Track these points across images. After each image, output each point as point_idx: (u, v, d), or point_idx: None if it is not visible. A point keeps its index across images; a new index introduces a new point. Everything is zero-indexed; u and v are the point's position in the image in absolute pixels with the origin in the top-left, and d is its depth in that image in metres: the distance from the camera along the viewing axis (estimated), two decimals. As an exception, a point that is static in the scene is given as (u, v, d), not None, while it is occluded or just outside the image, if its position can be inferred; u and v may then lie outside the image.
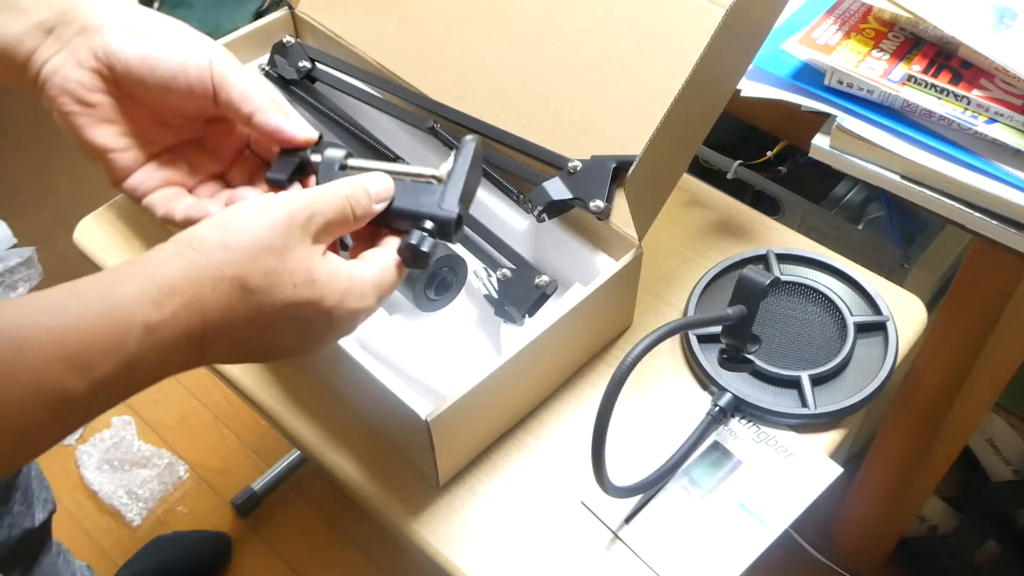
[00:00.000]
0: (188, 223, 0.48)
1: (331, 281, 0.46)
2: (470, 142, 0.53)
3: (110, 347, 0.39)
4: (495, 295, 0.69)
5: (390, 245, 0.51)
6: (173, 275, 0.42)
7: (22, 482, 0.97)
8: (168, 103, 0.53)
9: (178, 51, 0.51)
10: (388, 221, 0.51)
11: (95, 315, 0.39)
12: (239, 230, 0.44)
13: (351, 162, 0.53)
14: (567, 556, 0.64)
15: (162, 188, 0.54)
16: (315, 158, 0.53)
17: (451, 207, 0.50)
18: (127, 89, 0.52)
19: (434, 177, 0.52)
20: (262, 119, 0.52)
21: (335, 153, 0.53)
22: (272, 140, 0.54)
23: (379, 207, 0.50)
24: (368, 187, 0.49)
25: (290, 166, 0.53)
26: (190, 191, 0.56)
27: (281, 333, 0.45)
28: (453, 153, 0.53)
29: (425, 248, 0.49)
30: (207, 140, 0.57)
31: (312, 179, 0.54)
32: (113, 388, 0.40)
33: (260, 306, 0.44)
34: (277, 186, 0.54)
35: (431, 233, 0.50)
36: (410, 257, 0.50)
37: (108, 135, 0.52)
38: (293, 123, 0.53)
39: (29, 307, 0.39)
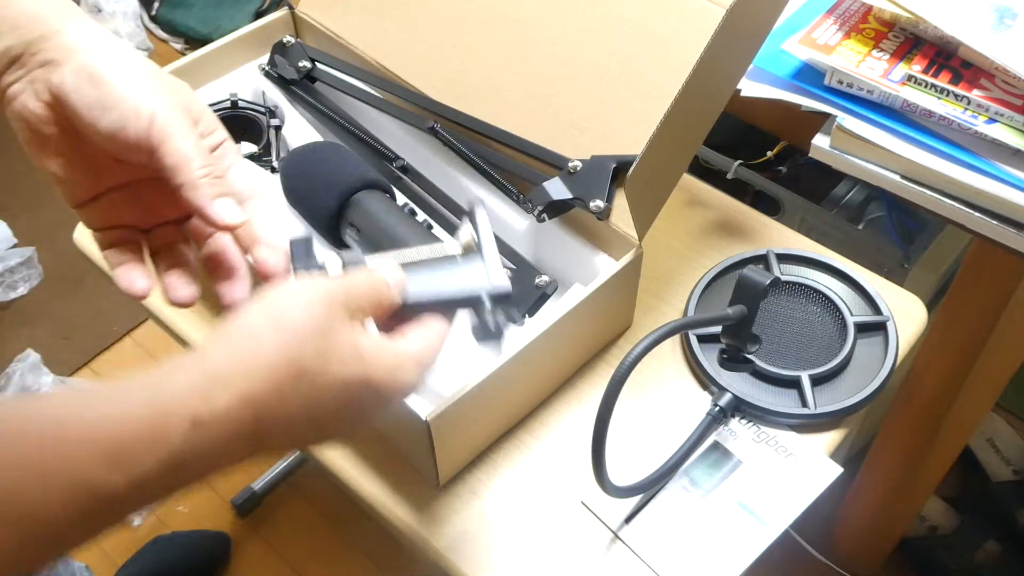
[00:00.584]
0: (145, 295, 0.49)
1: (377, 355, 0.45)
2: (480, 209, 0.53)
3: (152, 443, 0.37)
4: (495, 295, 0.69)
5: (428, 321, 0.50)
6: (225, 363, 0.40)
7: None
8: (116, 150, 0.51)
9: (121, 107, 0.49)
10: (442, 309, 0.51)
11: (138, 408, 0.38)
12: (288, 311, 0.43)
13: (368, 258, 0.51)
14: (567, 556, 0.64)
15: (115, 229, 0.53)
16: (331, 260, 0.51)
17: (503, 281, 0.51)
18: (79, 128, 0.50)
19: (458, 254, 0.52)
20: (187, 195, 0.49)
21: (355, 256, 0.51)
22: (200, 218, 0.51)
23: (399, 297, 0.50)
24: (387, 279, 0.49)
25: (312, 267, 0.51)
26: (146, 232, 0.54)
27: (333, 416, 0.45)
28: (465, 224, 0.53)
29: (502, 327, 0.50)
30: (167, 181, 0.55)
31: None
32: (155, 485, 0.38)
33: (313, 390, 0.43)
34: None
35: (492, 309, 0.50)
36: (485, 335, 0.50)
37: (59, 166, 0.51)
38: (221, 206, 0.49)
39: (73, 398, 0.38)
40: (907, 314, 0.76)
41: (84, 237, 0.83)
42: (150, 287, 0.51)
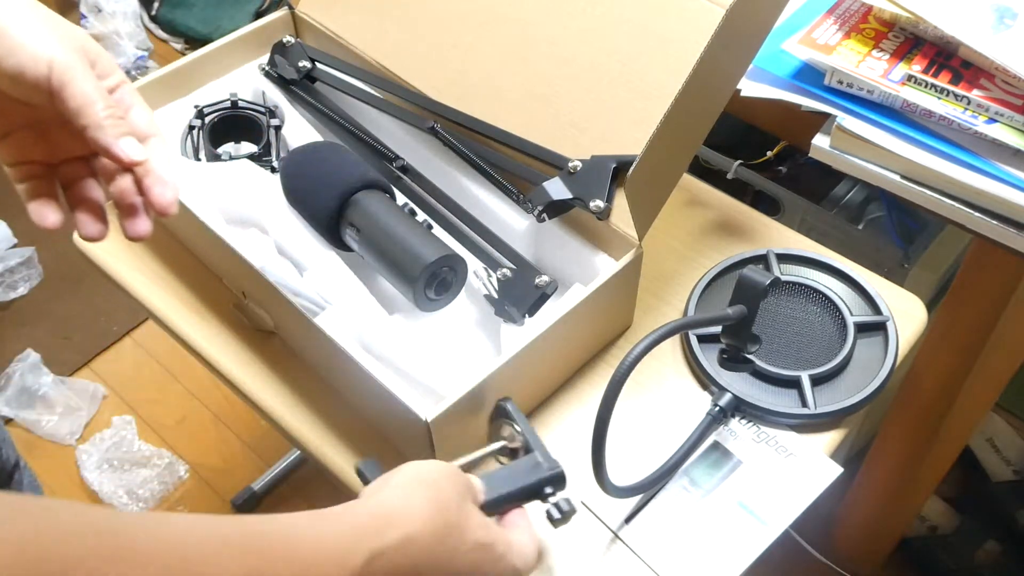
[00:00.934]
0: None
1: (500, 532, 0.51)
2: (511, 404, 0.62)
3: (338, 565, 0.43)
4: (495, 295, 0.69)
5: (519, 525, 0.55)
6: (385, 509, 0.47)
7: (15, 489, 0.97)
8: (18, 94, 0.52)
9: (18, 54, 0.50)
10: (512, 505, 0.56)
11: (331, 534, 0.45)
12: (430, 475, 0.50)
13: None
14: (567, 556, 0.64)
15: (26, 165, 0.54)
16: None
17: (554, 465, 0.57)
18: None
19: (508, 449, 0.61)
20: (93, 135, 0.51)
21: None
22: (106, 157, 0.52)
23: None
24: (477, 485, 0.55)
25: None
26: (56, 167, 0.55)
27: (468, 572, 0.50)
28: (500, 421, 0.62)
29: (570, 509, 0.56)
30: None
31: None
32: None
33: (458, 542, 0.48)
34: None
35: (554, 493, 0.56)
36: (560, 520, 0.56)
37: None
38: (126, 144, 0.51)
39: (280, 521, 0.44)
40: (907, 314, 0.76)
41: (84, 237, 0.83)
42: (61, 220, 0.54)
